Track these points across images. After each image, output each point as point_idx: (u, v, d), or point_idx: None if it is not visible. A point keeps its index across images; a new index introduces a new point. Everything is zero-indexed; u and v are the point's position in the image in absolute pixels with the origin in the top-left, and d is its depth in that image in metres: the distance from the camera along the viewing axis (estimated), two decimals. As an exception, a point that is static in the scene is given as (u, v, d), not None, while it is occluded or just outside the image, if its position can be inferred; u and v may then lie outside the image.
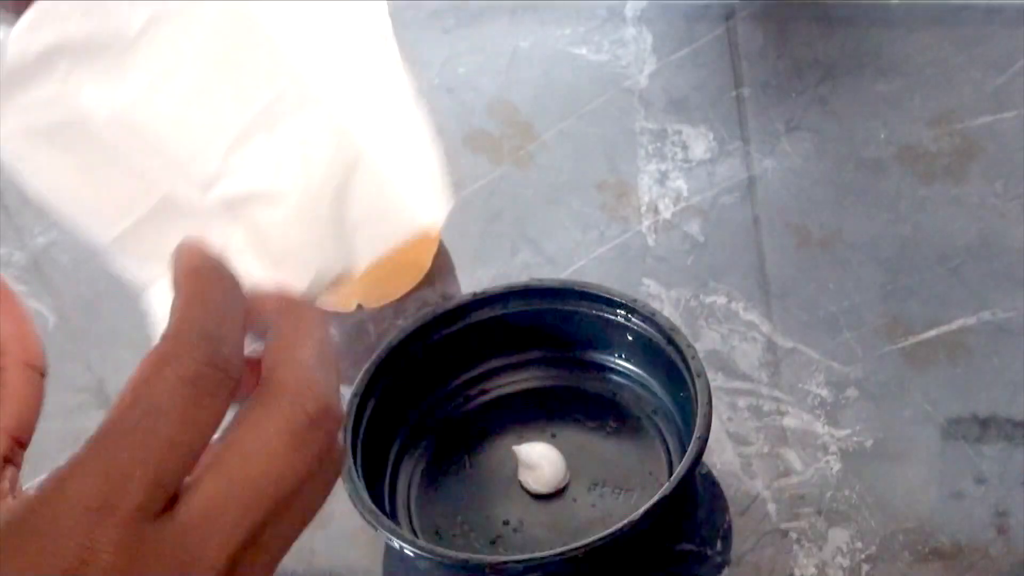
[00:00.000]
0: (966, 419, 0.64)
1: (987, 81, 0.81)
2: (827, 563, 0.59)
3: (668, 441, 0.64)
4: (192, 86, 0.34)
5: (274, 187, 0.35)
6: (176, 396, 0.32)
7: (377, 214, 0.36)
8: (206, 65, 0.34)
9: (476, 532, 0.62)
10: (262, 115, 0.34)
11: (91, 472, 0.31)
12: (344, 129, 0.35)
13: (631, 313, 0.65)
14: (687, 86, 0.86)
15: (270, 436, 0.32)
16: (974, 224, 0.73)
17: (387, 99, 0.37)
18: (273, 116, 0.34)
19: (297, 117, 0.34)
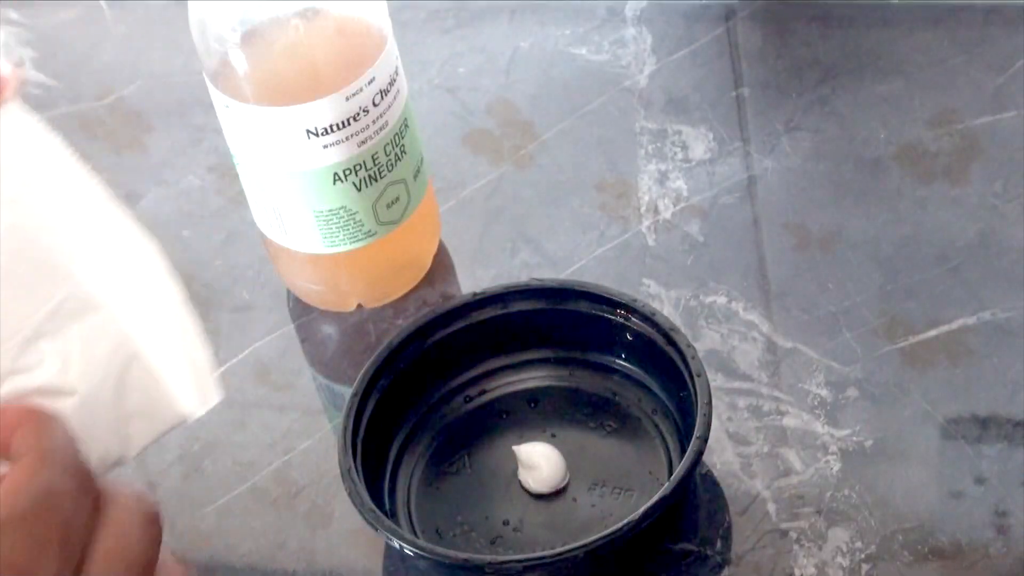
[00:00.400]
0: (966, 419, 0.64)
1: (987, 81, 0.81)
2: (827, 563, 0.59)
3: (668, 441, 0.64)
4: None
5: (61, 383, 0.39)
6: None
7: (150, 406, 0.40)
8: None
9: (476, 532, 0.62)
10: (48, 320, 0.39)
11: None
12: (121, 331, 0.40)
13: (631, 313, 0.65)
14: (687, 86, 0.86)
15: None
16: (974, 224, 0.73)
17: (158, 303, 0.41)
18: (58, 320, 0.39)
19: (80, 321, 0.39)
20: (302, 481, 0.67)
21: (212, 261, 0.80)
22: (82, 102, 0.94)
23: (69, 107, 0.94)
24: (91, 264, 0.40)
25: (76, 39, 1.01)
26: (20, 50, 1.01)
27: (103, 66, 0.98)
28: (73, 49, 1.01)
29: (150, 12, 1.01)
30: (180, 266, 0.51)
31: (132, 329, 0.40)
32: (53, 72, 0.99)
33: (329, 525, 0.65)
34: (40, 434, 0.37)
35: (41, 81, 0.98)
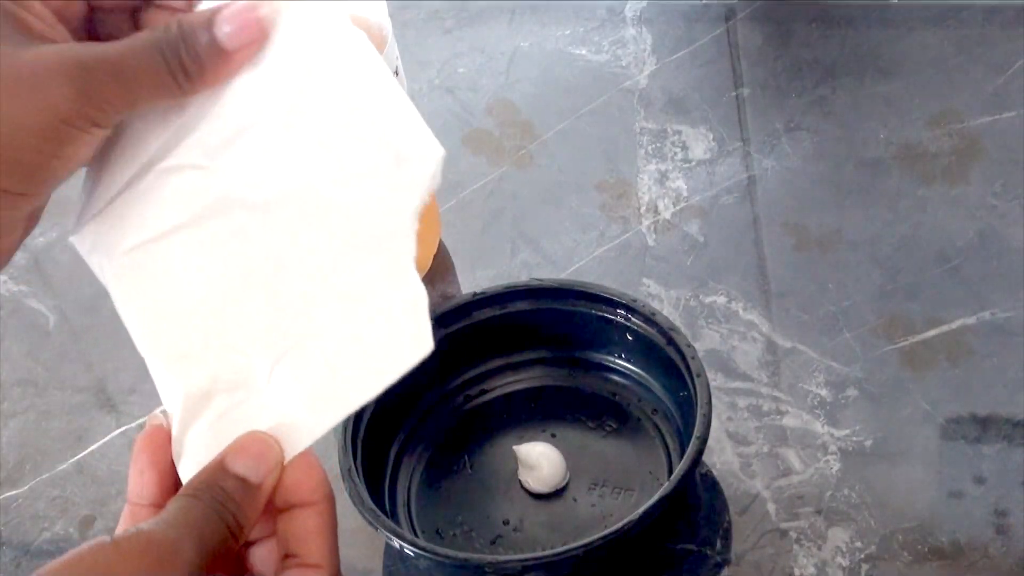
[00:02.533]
0: (965, 419, 0.64)
1: (987, 81, 0.81)
2: (827, 562, 0.59)
3: (668, 441, 0.64)
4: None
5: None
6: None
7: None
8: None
9: (476, 532, 0.62)
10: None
11: None
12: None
13: (631, 313, 0.65)
14: (687, 86, 0.86)
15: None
16: (974, 224, 0.73)
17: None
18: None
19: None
20: (302, 481, 0.67)
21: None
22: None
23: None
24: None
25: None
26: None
27: (103, 66, 0.98)
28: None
29: (150, 12, 1.01)
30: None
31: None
32: (53, 72, 0.98)
33: (329, 525, 0.65)
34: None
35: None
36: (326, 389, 0.45)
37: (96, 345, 0.79)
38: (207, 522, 0.42)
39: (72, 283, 0.82)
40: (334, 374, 0.44)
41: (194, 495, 0.43)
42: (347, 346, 0.44)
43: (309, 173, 0.43)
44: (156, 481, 0.46)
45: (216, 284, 0.45)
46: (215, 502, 0.43)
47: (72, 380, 0.77)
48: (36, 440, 0.74)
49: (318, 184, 0.43)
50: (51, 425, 0.74)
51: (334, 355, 0.44)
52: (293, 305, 0.45)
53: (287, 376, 0.45)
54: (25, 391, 0.76)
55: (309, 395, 0.45)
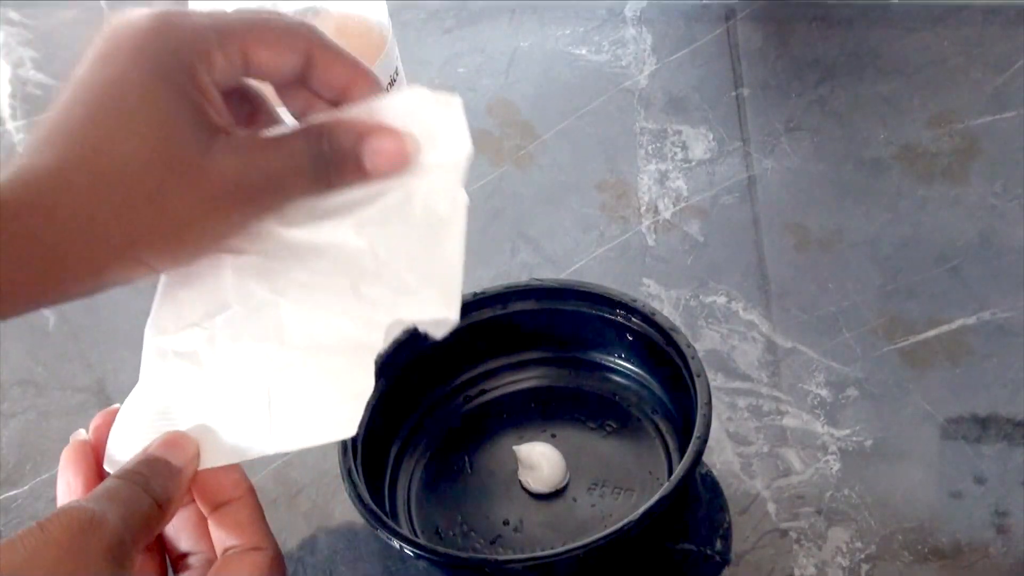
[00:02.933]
0: (966, 419, 0.64)
1: (987, 81, 0.81)
2: (827, 563, 0.59)
3: (668, 441, 0.64)
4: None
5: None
6: None
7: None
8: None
9: (476, 532, 0.62)
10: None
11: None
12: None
13: (631, 313, 0.65)
14: (687, 86, 0.86)
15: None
16: (974, 224, 0.73)
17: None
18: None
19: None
20: (302, 481, 0.67)
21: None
22: (82, 102, 0.94)
23: (69, 107, 0.94)
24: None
25: (76, 39, 1.01)
26: (20, 50, 1.01)
27: (103, 66, 0.98)
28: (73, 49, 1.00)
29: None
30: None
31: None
32: (53, 72, 0.99)
33: (329, 525, 0.65)
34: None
35: (41, 81, 0.98)
36: (255, 427, 0.49)
37: (96, 345, 0.79)
38: (131, 494, 0.46)
39: (72, 283, 0.82)
40: (270, 416, 0.49)
41: (120, 476, 0.47)
42: (288, 399, 0.49)
43: (346, 256, 0.49)
44: (83, 487, 0.49)
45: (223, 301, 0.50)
46: (140, 478, 0.46)
47: (72, 380, 0.77)
48: (36, 440, 0.74)
49: (348, 268, 0.49)
50: (51, 425, 0.74)
51: (277, 400, 0.49)
52: (273, 341, 0.50)
53: (231, 399, 0.50)
54: (25, 391, 0.76)
55: (241, 424, 0.49)
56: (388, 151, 0.48)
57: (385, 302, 0.49)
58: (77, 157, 0.44)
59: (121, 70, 0.45)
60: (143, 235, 0.45)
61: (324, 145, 0.47)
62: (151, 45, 0.45)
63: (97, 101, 0.45)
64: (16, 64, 1.00)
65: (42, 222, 0.43)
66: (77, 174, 0.44)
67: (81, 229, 0.43)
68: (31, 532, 0.42)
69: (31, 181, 0.43)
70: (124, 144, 0.44)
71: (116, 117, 0.44)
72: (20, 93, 0.98)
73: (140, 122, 0.44)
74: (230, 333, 0.50)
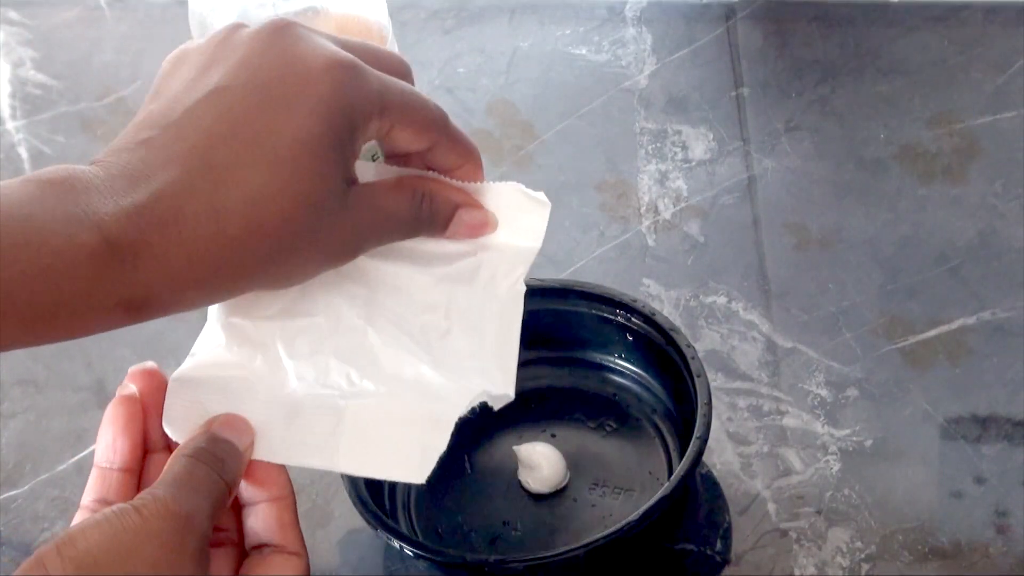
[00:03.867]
0: (966, 419, 0.64)
1: (987, 81, 0.81)
2: (827, 563, 0.59)
3: (668, 441, 0.64)
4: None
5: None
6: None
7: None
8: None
9: (476, 532, 0.62)
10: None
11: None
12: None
13: (631, 313, 0.65)
14: (687, 86, 0.86)
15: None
16: (974, 224, 0.73)
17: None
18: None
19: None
20: (302, 481, 0.67)
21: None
22: (82, 102, 0.94)
23: (69, 107, 0.94)
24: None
25: (76, 39, 1.01)
26: (20, 50, 1.01)
27: (103, 66, 0.98)
28: (73, 49, 1.01)
29: (150, 12, 1.01)
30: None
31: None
32: (53, 72, 0.99)
33: (329, 525, 0.65)
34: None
35: (41, 81, 0.98)
36: (319, 439, 0.50)
37: (96, 345, 0.79)
38: (210, 483, 0.46)
39: (72, 283, 0.82)
40: (339, 435, 0.50)
41: (194, 455, 0.46)
42: (364, 425, 0.50)
43: (423, 305, 0.53)
44: (129, 449, 0.49)
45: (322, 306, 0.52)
46: (214, 461, 0.47)
47: (72, 380, 0.77)
48: (36, 440, 0.74)
49: (426, 318, 0.53)
50: (51, 425, 0.74)
51: (352, 422, 0.50)
52: (370, 355, 0.52)
53: (298, 403, 0.50)
54: (25, 391, 0.76)
55: (304, 432, 0.50)
56: (473, 224, 0.53)
57: (461, 366, 0.53)
58: (217, 186, 0.44)
59: (297, 119, 0.45)
60: (259, 279, 0.47)
61: (424, 207, 0.51)
62: (333, 102, 0.45)
63: (261, 143, 0.45)
64: (16, 64, 1.00)
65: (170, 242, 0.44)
66: (213, 199, 0.44)
67: (207, 276, 0.45)
68: (128, 517, 0.43)
69: (163, 197, 0.44)
70: (278, 195, 0.45)
71: (276, 165, 0.45)
72: (20, 93, 0.98)
73: (302, 176, 0.45)
74: (310, 341, 0.51)
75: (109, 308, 0.43)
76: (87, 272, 0.42)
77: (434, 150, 0.51)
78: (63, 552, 0.41)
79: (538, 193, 0.54)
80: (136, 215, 0.43)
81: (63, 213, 0.42)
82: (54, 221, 0.42)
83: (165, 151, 0.44)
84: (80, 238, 0.42)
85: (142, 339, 0.67)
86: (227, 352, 0.51)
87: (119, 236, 0.42)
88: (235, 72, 0.45)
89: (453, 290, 0.53)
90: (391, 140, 0.50)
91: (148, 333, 0.55)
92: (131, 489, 0.49)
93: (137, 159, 0.44)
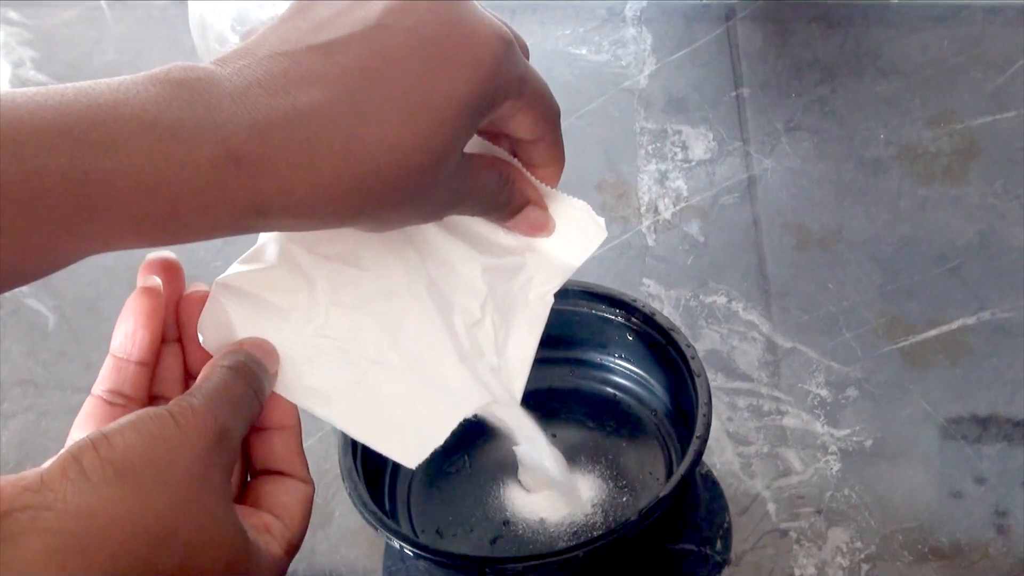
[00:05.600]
0: (966, 419, 0.64)
1: (987, 81, 0.81)
2: (827, 563, 0.59)
3: (668, 441, 0.64)
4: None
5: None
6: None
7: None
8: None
9: (476, 532, 0.62)
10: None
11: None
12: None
13: (631, 313, 0.65)
14: (687, 86, 0.86)
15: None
16: (974, 224, 0.73)
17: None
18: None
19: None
20: (302, 481, 0.67)
21: (212, 262, 0.80)
22: (82, 102, 0.94)
23: (69, 107, 0.94)
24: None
25: (76, 39, 1.01)
26: (20, 50, 1.01)
27: (103, 66, 0.98)
28: (73, 49, 1.01)
29: (150, 12, 1.01)
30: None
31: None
32: (53, 72, 0.99)
33: (329, 525, 0.65)
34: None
35: (41, 81, 0.98)
36: (333, 392, 0.50)
37: (96, 345, 0.79)
38: (247, 399, 0.46)
39: (72, 283, 0.82)
40: (352, 396, 0.50)
41: (235, 369, 0.46)
42: (379, 395, 0.51)
43: (467, 288, 0.54)
44: (148, 342, 0.48)
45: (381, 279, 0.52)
46: (253, 379, 0.47)
47: (72, 380, 0.77)
48: (36, 440, 0.74)
49: (467, 302, 0.54)
50: (51, 425, 0.74)
51: (369, 388, 0.50)
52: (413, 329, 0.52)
53: (324, 350, 0.50)
54: (25, 391, 0.76)
55: (322, 379, 0.50)
56: (534, 224, 0.53)
57: (481, 361, 0.53)
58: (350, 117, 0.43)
59: (455, 79, 0.45)
60: (364, 220, 0.46)
61: (505, 192, 0.51)
62: (490, 72, 0.46)
63: (414, 91, 0.44)
64: (16, 64, 1.00)
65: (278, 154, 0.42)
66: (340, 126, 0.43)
67: (324, 204, 0.43)
68: (166, 425, 0.42)
69: (289, 113, 0.42)
70: (416, 147, 0.44)
71: (422, 116, 0.44)
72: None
73: (444, 135, 0.45)
74: (354, 294, 0.51)
75: (226, 218, 0.42)
76: (206, 184, 0.41)
77: (536, 144, 0.51)
78: (100, 451, 0.40)
79: (600, 219, 0.55)
80: (268, 132, 0.42)
81: (191, 122, 0.41)
82: (181, 130, 0.40)
83: (310, 70, 0.43)
84: (204, 150, 0.41)
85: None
86: (275, 275, 0.50)
87: (246, 152, 0.41)
88: (398, 14, 0.44)
89: (494, 283, 0.54)
90: (512, 122, 0.49)
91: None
92: (145, 381, 0.49)
93: (278, 70, 0.43)
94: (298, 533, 0.48)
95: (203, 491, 0.42)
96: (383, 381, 0.51)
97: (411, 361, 0.51)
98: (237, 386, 0.46)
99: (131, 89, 0.42)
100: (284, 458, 0.49)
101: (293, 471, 0.49)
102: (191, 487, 0.41)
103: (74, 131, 0.39)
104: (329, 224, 0.45)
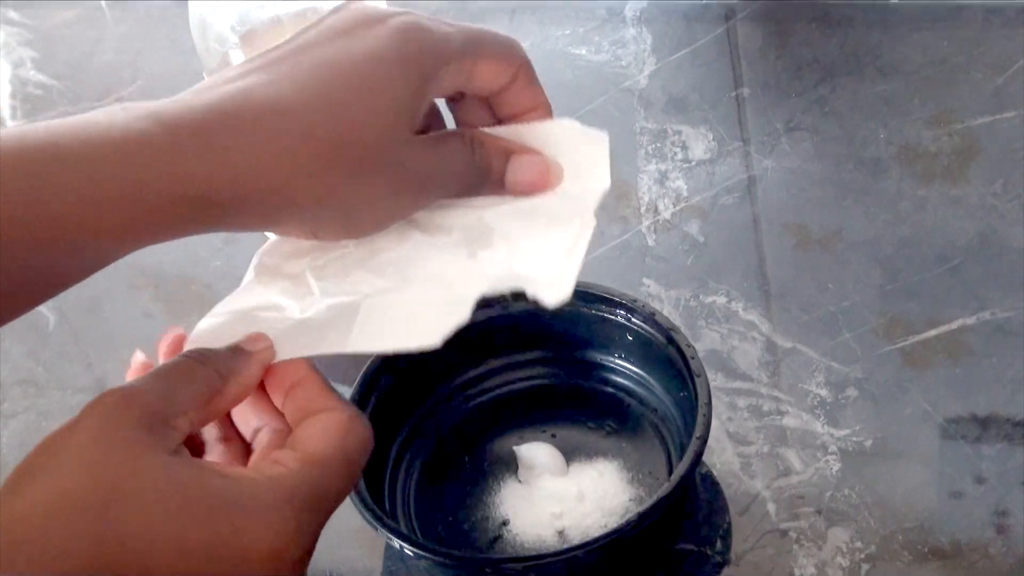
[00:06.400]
0: (966, 419, 0.64)
1: (987, 81, 0.81)
2: (827, 563, 0.59)
3: (668, 441, 0.64)
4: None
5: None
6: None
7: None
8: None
9: (476, 532, 0.62)
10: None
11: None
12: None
13: (631, 313, 0.65)
14: (687, 86, 0.86)
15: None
16: (974, 224, 0.73)
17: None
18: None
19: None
20: (302, 481, 0.67)
21: (212, 261, 0.80)
22: (82, 102, 0.94)
23: (69, 107, 0.94)
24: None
25: (76, 39, 1.01)
26: (20, 50, 1.01)
27: (103, 66, 0.98)
28: (73, 49, 1.01)
29: (150, 12, 1.01)
30: (180, 267, 0.52)
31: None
32: (53, 72, 0.99)
33: (329, 525, 0.65)
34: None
35: (41, 81, 0.98)
36: (337, 329, 0.49)
37: (96, 345, 0.79)
38: (181, 369, 0.46)
39: (72, 283, 0.82)
40: (354, 322, 0.49)
41: (183, 354, 0.47)
42: (378, 310, 0.49)
43: (471, 232, 0.51)
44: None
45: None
46: (196, 354, 0.47)
47: (72, 380, 0.77)
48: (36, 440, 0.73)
49: (470, 240, 0.51)
50: (51, 425, 0.74)
51: (366, 311, 0.49)
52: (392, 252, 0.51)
53: (320, 311, 0.50)
54: (25, 391, 0.76)
55: (323, 327, 0.49)
56: (530, 171, 0.50)
57: (498, 259, 0.50)
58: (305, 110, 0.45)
59: (374, 60, 0.46)
60: (326, 203, 0.46)
61: (477, 154, 0.49)
62: (403, 47, 0.46)
63: (342, 76, 0.45)
64: (16, 64, 1.00)
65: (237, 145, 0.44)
66: (295, 123, 0.44)
67: (270, 181, 0.44)
68: (62, 428, 0.45)
69: (250, 98, 0.44)
70: (350, 118, 0.45)
71: (353, 93, 0.45)
72: (20, 93, 0.98)
73: (375, 107, 0.45)
74: (341, 266, 0.51)
75: (169, 202, 0.43)
76: (143, 160, 0.42)
77: (511, 88, 0.50)
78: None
79: (593, 128, 0.52)
80: (200, 107, 0.43)
81: (132, 118, 0.43)
82: (125, 129, 0.42)
83: (264, 62, 0.46)
84: (135, 126, 0.42)
85: (143, 340, 0.67)
86: (252, 289, 0.50)
87: (176, 123, 0.42)
88: (320, 30, 0.47)
89: (511, 222, 0.51)
90: (477, 79, 0.49)
91: (150, 334, 0.55)
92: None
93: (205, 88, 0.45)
94: (313, 448, 0.46)
95: (140, 458, 0.44)
96: (380, 298, 0.50)
97: (408, 276, 0.50)
98: (171, 365, 0.46)
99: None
100: (305, 403, 0.48)
101: (318, 408, 0.48)
102: (126, 457, 0.45)
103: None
104: (292, 204, 0.46)
